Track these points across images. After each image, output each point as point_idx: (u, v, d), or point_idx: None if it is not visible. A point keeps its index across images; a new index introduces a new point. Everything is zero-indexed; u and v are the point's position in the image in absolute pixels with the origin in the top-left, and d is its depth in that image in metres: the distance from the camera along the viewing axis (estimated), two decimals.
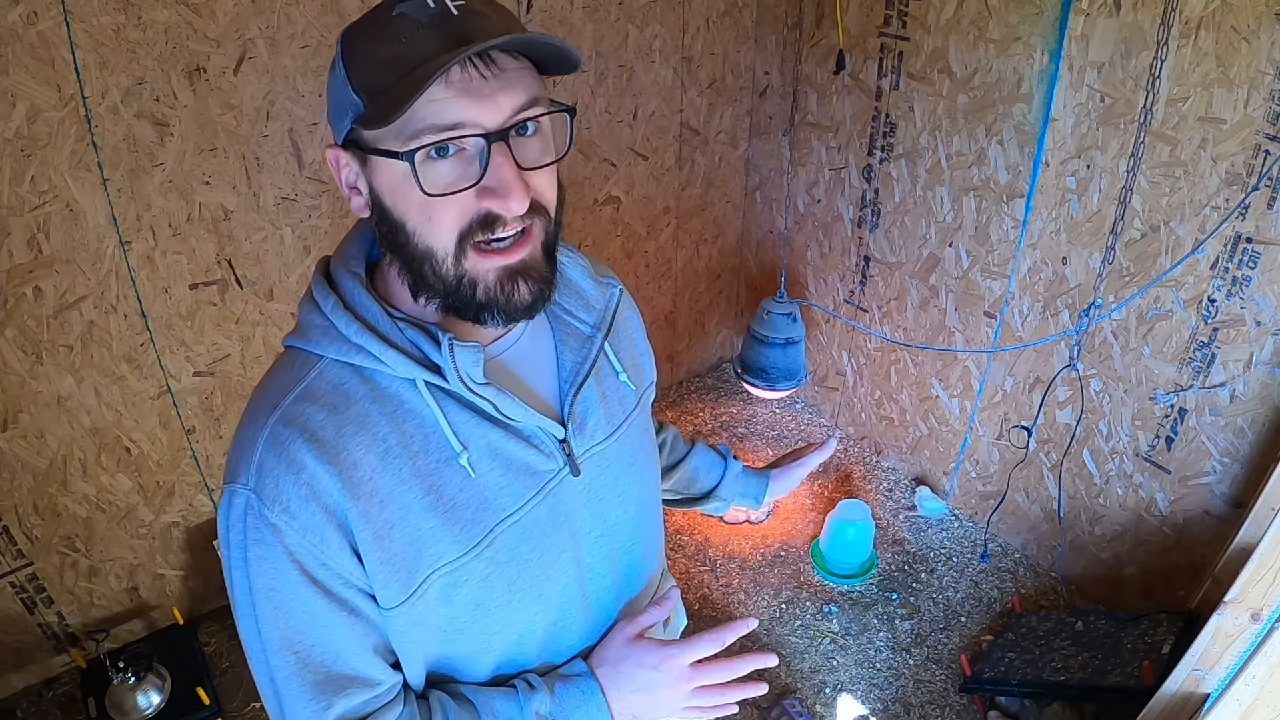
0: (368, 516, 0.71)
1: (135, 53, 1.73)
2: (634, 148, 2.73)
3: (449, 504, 0.75)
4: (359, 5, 1.96)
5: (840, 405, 3.12)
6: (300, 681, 0.73)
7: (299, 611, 0.72)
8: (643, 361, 0.98)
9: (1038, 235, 2.25)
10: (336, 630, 0.74)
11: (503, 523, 0.78)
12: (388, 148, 0.66)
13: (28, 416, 1.90)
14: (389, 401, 0.73)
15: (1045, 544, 2.55)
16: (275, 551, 0.70)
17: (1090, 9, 1.94)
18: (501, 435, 0.77)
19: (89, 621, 2.19)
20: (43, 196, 1.74)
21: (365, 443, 0.72)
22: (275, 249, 2.09)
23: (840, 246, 2.85)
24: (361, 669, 0.76)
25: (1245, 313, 1.89)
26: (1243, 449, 1.99)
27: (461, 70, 0.64)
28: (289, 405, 0.72)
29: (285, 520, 0.69)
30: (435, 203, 0.67)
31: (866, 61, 2.50)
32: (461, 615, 0.79)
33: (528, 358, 0.84)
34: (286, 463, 0.70)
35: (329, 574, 0.72)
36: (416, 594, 0.74)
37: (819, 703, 2.19)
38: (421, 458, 0.74)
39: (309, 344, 0.74)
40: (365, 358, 0.72)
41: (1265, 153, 1.75)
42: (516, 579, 0.80)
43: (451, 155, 0.66)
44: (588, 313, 0.87)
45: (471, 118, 0.65)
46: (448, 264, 0.69)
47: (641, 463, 0.94)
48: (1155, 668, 1.82)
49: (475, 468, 0.76)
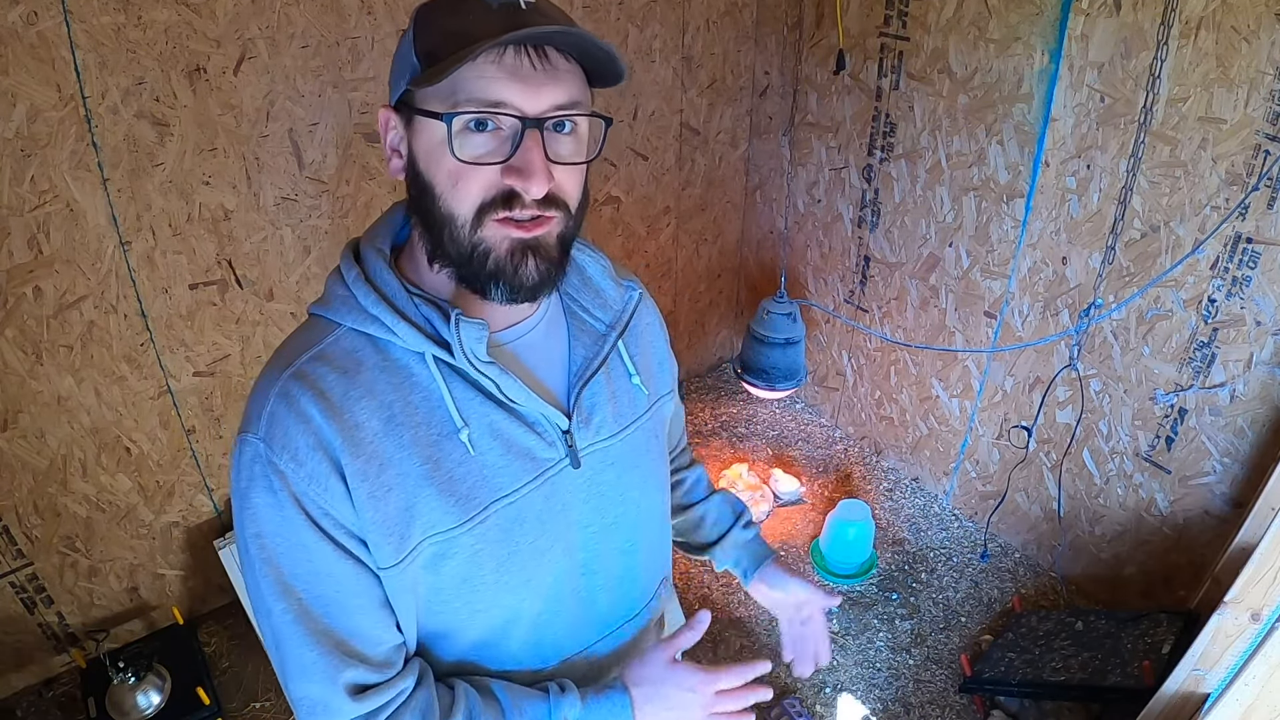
0: (365, 475, 0.74)
1: (135, 53, 1.73)
2: (634, 148, 2.73)
3: (446, 476, 0.77)
4: (359, 5, 1.96)
5: (840, 405, 3.12)
6: (300, 629, 0.75)
7: (302, 558, 0.74)
8: (660, 370, 0.98)
9: (1038, 235, 2.25)
10: (340, 579, 0.76)
11: (498, 502, 0.80)
12: (431, 108, 0.70)
13: (28, 416, 1.90)
14: (398, 372, 0.77)
15: (1045, 544, 2.55)
16: (282, 497, 0.73)
17: (1090, 9, 1.94)
18: (504, 417, 0.80)
19: (89, 621, 2.19)
20: (43, 196, 1.74)
21: (370, 408, 0.75)
22: (275, 249, 2.09)
23: (840, 246, 2.85)
24: (365, 625, 0.77)
25: (1245, 313, 1.89)
26: (1243, 449, 1.99)
27: (515, 55, 0.69)
28: (303, 364, 0.76)
29: (292, 467, 0.73)
30: (463, 170, 0.70)
31: (866, 61, 2.50)
32: (448, 587, 0.80)
33: (540, 348, 0.86)
34: (295, 414, 0.73)
35: (332, 523, 0.74)
36: (407, 559, 0.77)
37: (819, 703, 2.19)
38: (424, 429, 0.77)
39: (329, 312, 0.78)
40: (379, 328, 0.76)
41: (1265, 153, 1.75)
42: (506, 560, 0.82)
43: (488, 131, 0.70)
44: (604, 311, 0.89)
45: (513, 99, 0.69)
46: (465, 231, 0.73)
47: (647, 467, 0.94)
48: (1155, 668, 1.82)
49: (475, 445, 0.78)
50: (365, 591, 0.77)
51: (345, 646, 0.77)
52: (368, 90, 2.06)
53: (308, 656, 0.76)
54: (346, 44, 1.98)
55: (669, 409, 1.00)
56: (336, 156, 2.09)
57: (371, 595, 0.77)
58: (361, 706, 0.77)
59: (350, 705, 0.77)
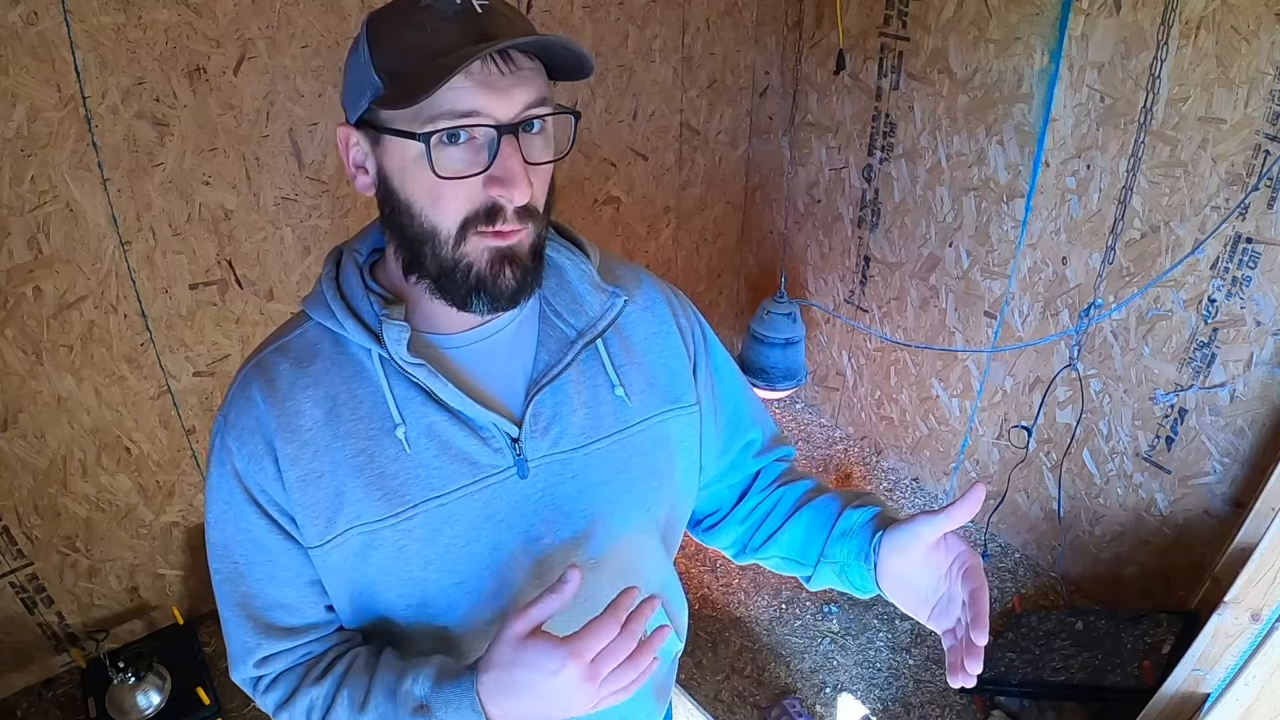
0: (296, 460, 0.79)
1: (135, 53, 1.73)
2: (634, 148, 2.73)
3: (378, 470, 0.79)
4: (359, 5, 1.96)
5: (840, 405, 3.12)
6: (227, 589, 0.84)
7: (243, 526, 0.81)
8: (664, 383, 0.90)
9: (1038, 235, 2.25)
10: (271, 551, 0.81)
11: (428, 501, 0.80)
12: (403, 128, 0.70)
13: (28, 416, 1.90)
14: (349, 366, 0.81)
15: (1045, 544, 2.55)
16: (227, 470, 0.80)
17: (1090, 9, 1.94)
18: (446, 419, 0.80)
19: (89, 621, 2.19)
20: (43, 196, 1.74)
21: (315, 397, 0.80)
22: (275, 249, 2.09)
23: (840, 246, 2.85)
24: (290, 597, 0.83)
25: (1245, 313, 1.89)
26: (1243, 449, 1.99)
27: (482, 64, 0.68)
28: (266, 354, 0.82)
29: (237, 445, 0.79)
30: (443, 185, 0.70)
31: (866, 61, 2.50)
32: (378, 578, 0.82)
33: (502, 352, 0.83)
34: (245, 398, 0.80)
35: (266, 499, 0.80)
36: (333, 542, 0.80)
37: (819, 703, 2.19)
38: (364, 422, 0.80)
39: (306, 306, 0.84)
40: (335, 323, 0.80)
41: (1265, 153, 1.75)
42: (434, 560, 0.81)
43: (462, 143, 0.70)
44: (576, 317, 0.85)
45: (486, 108, 0.69)
46: (448, 246, 0.73)
47: (626, 485, 0.87)
48: (1155, 668, 1.82)
49: (411, 443, 0.80)
50: (293, 565, 0.82)
51: (263, 617, 0.83)
52: None
53: (228, 614, 0.84)
54: (346, 44, 1.97)
55: (677, 428, 0.91)
56: (336, 156, 2.09)
57: (299, 570, 0.82)
58: (263, 670, 0.85)
59: (253, 669, 0.85)
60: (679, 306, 0.95)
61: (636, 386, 0.88)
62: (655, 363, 0.90)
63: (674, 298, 0.95)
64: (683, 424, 0.91)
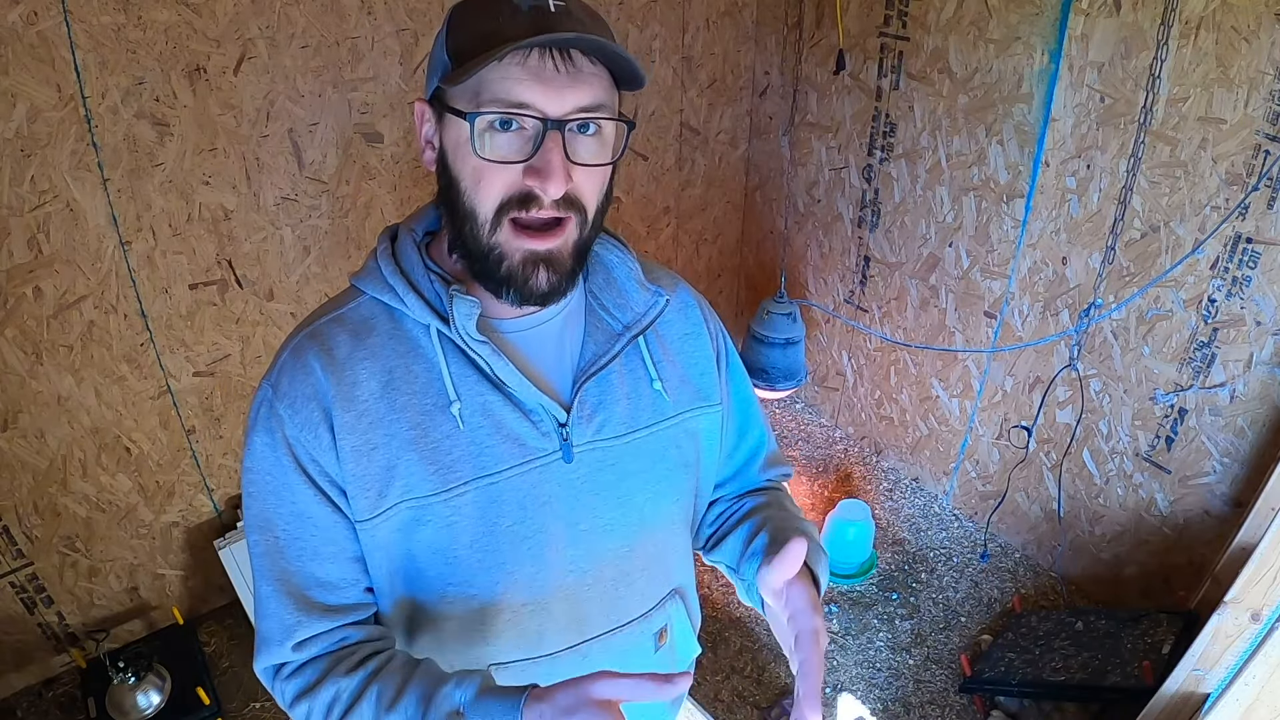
0: (353, 429, 0.79)
1: (135, 53, 1.73)
2: (634, 148, 2.73)
3: (432, 445, 0.80)
4: (359, 5, 1.96)
5: (840, 405, 3.12)
6: (267, 562, 0.81)
7: (287, 498, 0.80)
8: (697, 382, 0.93)
9: (1038, 235, 2.25)
10: (317, 523, 0.80)
11: (479, 479, 0.81)
12: (458, 106, 0.74)
13: (28, 416, 1.90)
14: (405, 341, 0.82)
15: (1045, 544, 2.55)
16: (276, 438, 0.80)
17: (1090, 9, 1.94)
18: (500, 399, 0.82)
19: (89, 621, 2.19)
20: (43, 196, 1.74)
21: (372, 369, 0.80)
22: (275, 249, 2.09)
23: (840, 246, 2.85)
24: (332, 574, 0.82)
25: (1245, 313, 1.89)
26: (1243, 449, 1.99)
27: (540, 58, 0.71)
28: (320, 324, 0.83)
29: (289, 413, 0.79)
30: (485, 168, 0.73)
31: (866, 61, 2.50)
32: (422, 555, 0.82)
33: (552, 340, 0.86)
34: (300, 366, 0.80)
35: (317, 469, 0.80)
36: (382, 516, 0.80)
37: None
38: (420, 396, 0.81)
39: (359, 281, 0.85)
40: (393, 298, 0.81)
41: (1265, 153, 1.75)
42: (481, 538, 0.82)
43: (512, 130, 0.73)
44: (623, 312, 0.89)
45: (536, 101, 0.71)
46: (484, 229, 0.76)
47: (660, 475, 0.91)
48: (1155, 668, 1.82)
49: (465, 420, 0.81)
50: (338, 540, 0.81)
51: (304, 595, 0.81)
52: (368, 90, 2.06)
53: (266, 590, 0.82)
54: (346, 44, 1.99)
55: (705, 424, 0.94)
56: (336, 156, 2.09)
57: (344, 545, 0.82)
58: (297, 655, 0.81)
59: (288, 653, 0.81)
60: (708, 311, 1.00)
61: (672, 382, 0.92)
62: (688, 361, 0.95)
63: (704, 302, 1.00)
64: (710, 421, 0.96)
